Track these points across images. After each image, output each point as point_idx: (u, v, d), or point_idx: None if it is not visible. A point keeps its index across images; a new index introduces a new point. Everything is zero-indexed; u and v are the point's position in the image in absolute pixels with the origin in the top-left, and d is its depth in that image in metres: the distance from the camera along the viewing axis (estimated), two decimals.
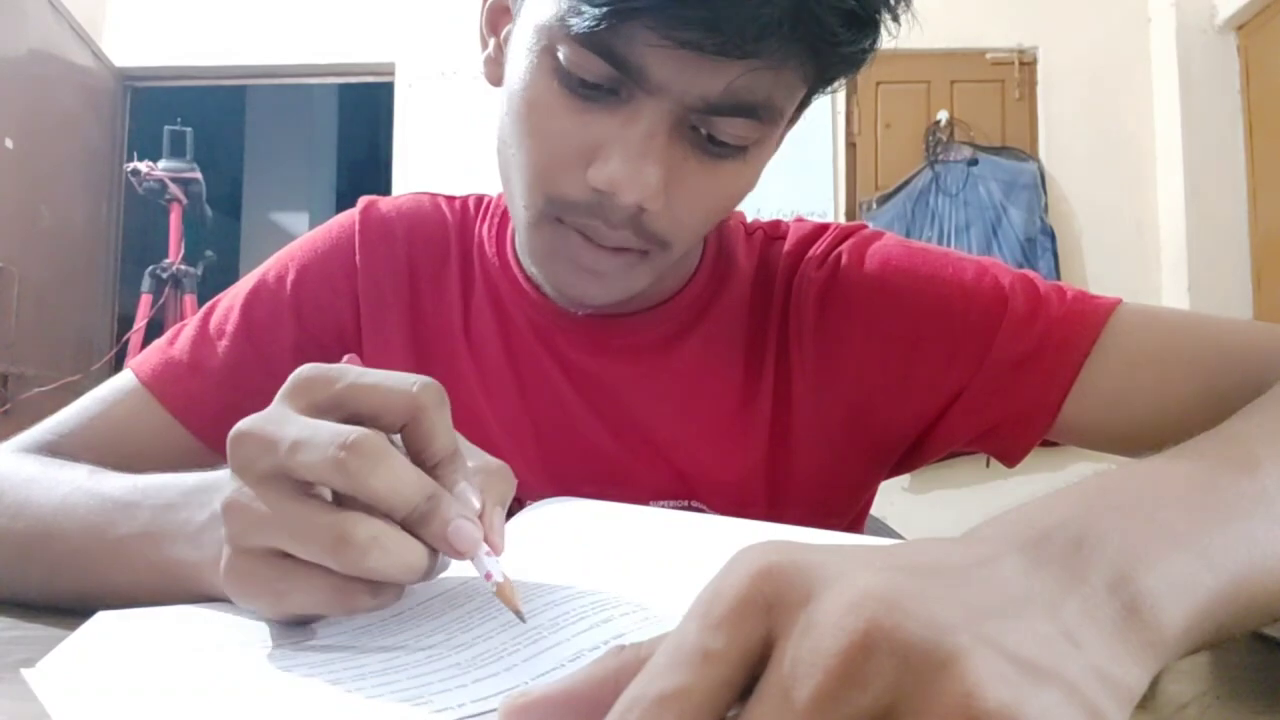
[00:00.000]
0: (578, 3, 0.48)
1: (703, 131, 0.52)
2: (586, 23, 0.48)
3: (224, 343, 0.66)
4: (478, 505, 0.36)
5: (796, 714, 0.20)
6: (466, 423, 0.66)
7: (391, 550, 0.34)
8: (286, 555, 0.34)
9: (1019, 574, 0.24)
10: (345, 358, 0.46)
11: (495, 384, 0.67)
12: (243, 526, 0.35)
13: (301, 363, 0.66)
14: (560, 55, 0.51)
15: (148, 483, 0.48)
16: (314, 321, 0.67)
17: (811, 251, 0.67)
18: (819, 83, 0.55)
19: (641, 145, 0.51)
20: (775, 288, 0.66)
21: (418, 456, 0.36)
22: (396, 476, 0.34)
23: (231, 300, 0.68)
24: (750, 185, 0.58)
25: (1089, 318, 0.60)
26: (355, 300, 0.68)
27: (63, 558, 0.49)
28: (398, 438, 0.37)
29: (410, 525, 0.35)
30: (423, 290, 0.69)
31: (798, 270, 0.66)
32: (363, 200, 0.72)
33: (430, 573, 0.35)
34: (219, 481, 0.43)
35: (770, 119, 0.53)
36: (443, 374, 0.67)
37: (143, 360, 0.67)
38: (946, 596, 0.22)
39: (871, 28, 0.51)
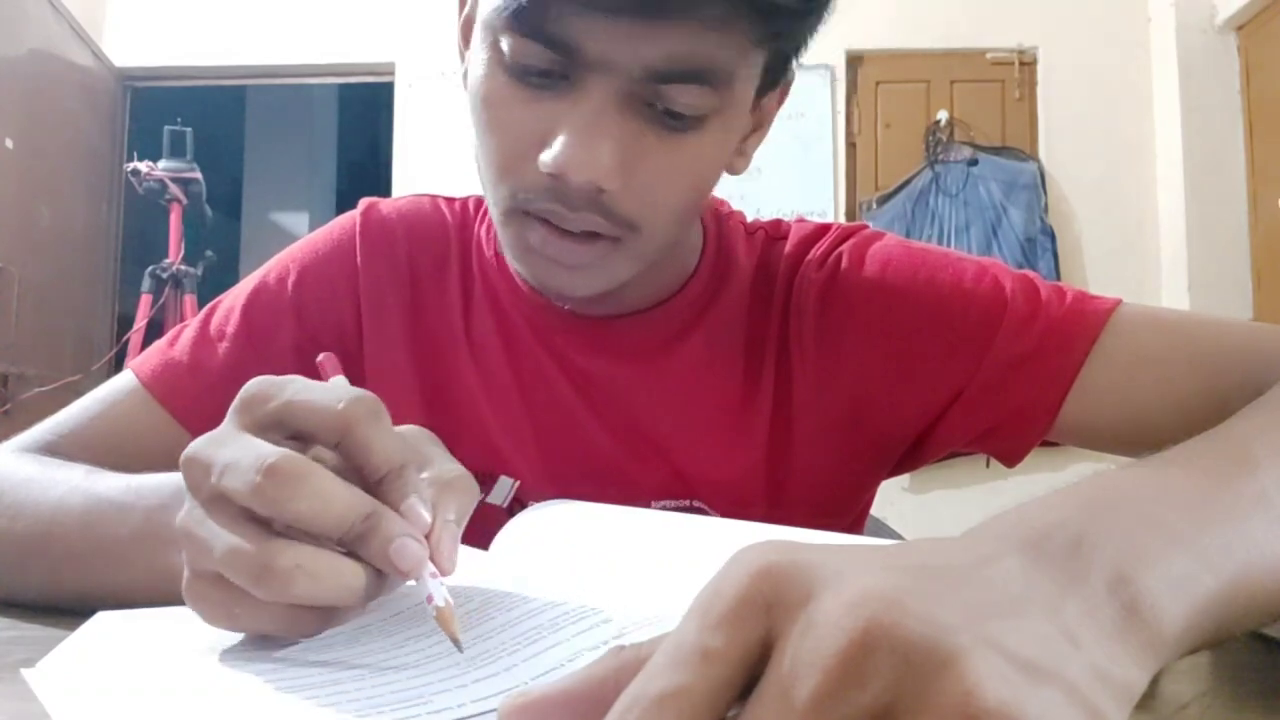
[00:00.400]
0: None
1: (659, 106, 0.52)
2: (517, 9, 0.49)
3: (224, 344, 0.66)
4: (427, 520, 0.35)
5: (796, 713, 0.20)
6: (467, 423, 0.67)
7: (321, 576, 0.33)
8: None
9: (1019, 574, 0.24)
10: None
11: (496, 385, 0.67)
12: (191, 552, 0.35)
13: (303, 364, 0.67)
14: (504, 47, 0.52)
15: (141, 483, 0.48)
16: (315, 323, 0.68)
17: (813, 252, 0.66)
18: (774, 44, 0.53)
19: (588, 123, 0.51)
20: (776, 288, 0.66)
21: (358, 473, 0.35)
22: (321, 497, 0.33)
23: (232, 302, 0.68)
24: (718, 160, 0.57)
25: (1089, 318, 0.60)
26: (356, 302, 0.68)
27: (61, 558, 0.49)
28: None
29: (349, 546, 0.34)
30: (423, 291, 0.69)
31: (799, 271, 0.66)
32: (363, 202, 0.72)
33: (378, 590, 0.35)
34: None
35: (722, 83, 0.52)
36: (444, 375, 0.67)
37: (143, 361, 0.67)
38: (946, 596, 0.22)
39: None
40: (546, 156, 0.51)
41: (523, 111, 0.53)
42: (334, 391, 0.36)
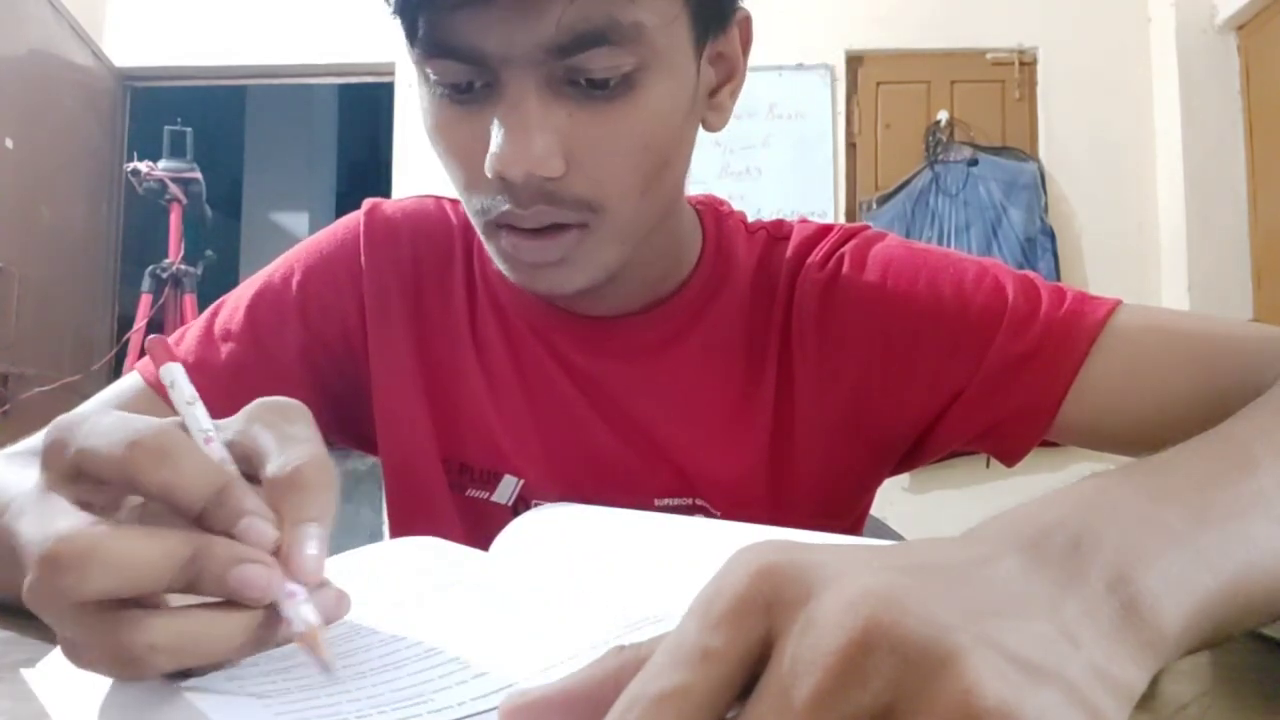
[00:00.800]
0: (403, 22, 0.52)
1: (580, 80, 0.51)
2: (406, 30, 0.51)
3: (229, 344, 0.66)
4: (271, 534, 0.32)
5: (796, 712, 0.20)
6: (472, 423, 0.67)
7: (183, 648, 0.30)
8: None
9: (1018, 573, 0.24)
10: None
11: (500, 385, 0.67)
12: (49, 619, 0.31)
13: (307, 364, 0.67)
14: (429, 74, 0.54)
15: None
16: (319, 323, 0.68)
17: (815, 253, 0.67)
18: None
19: (511, 118, 0.51)
20: (778, 288, 0.66)
21: (175, 511, 0.32)
22: (118, 565, 0.29)
23: (236, 302, 0.69)
24: (668, 118, 0.55)
25: (1088, 318, 0.60)
26: (360, 302, 0.68)
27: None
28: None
29: (187, 592, 0.30)
30: (428, 292, 0.69)
31: (800, 271, 0.66)
32: (368, 203, 0.72)
33: (275, 631, 0.31)
34: None
35: (629, 39, 0.51)
36: (449, 375, 0.67)
37: (147, 362, 0.67)
38: (946, 595, 0.22)
39: None
40: (486, 160, 0.52)
41: (463, 129, 0.54)
42: (118, 433, 0.32)
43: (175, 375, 0.38)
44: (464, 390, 0.67)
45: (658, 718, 0.21)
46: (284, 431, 0.35)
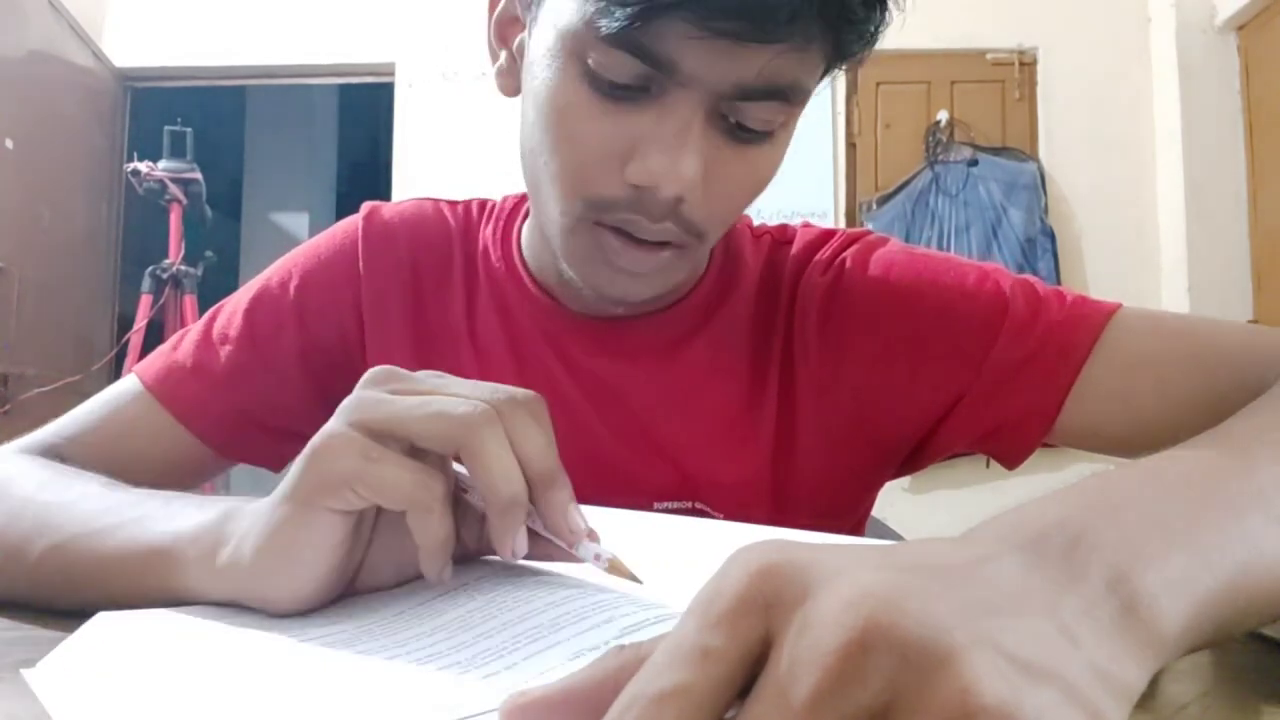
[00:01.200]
0: (608, 4, 0.49)
1: (731, 119, 0.53)
2: (618, 23, 0.48)
3: (227, 348, 0.67)
4: (581, 524, 0.39)
5: (795, 712, 0.20)
6: None
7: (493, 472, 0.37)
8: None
9: (1017, 573, 0.24)
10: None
11: None
12: (332, 462, 0.38)
13: (305, 368, 0.67)
14: (590, 59, 0.52)
15: (153, 503, 0.47)
16: (317, 327, 0.68)
17: (817, 257, 0.67)
18: (835, 62, 0.55)
19: (678, 138, 0.52)
20: (782, 291, 0.67)
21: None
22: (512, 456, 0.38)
23: (235, 306, 0.69)
24: (775, 169, 0.58)
25: (1088, 321, 0.60)
26: (358, 305, 0.68)
27: (76, 581, 0.47)
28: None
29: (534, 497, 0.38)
30: (426, 295, 0.69)
31: (803, 275, 0.67)
32: (366, 206, 0.72)
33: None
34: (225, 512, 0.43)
35: (798, 100, 0.54)
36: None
37: (147, 365, 0.67)
38: (944, 595, 0.22)
39: (882, 5, 0.52)
40: (637, 170, 0.52)
41: (602, 124, 0.53)
42: (452, 406, 0.38)
43: None
44: None
45: (657, 716, 0.21)
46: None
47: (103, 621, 0.39)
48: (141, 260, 3.53)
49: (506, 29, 0.61)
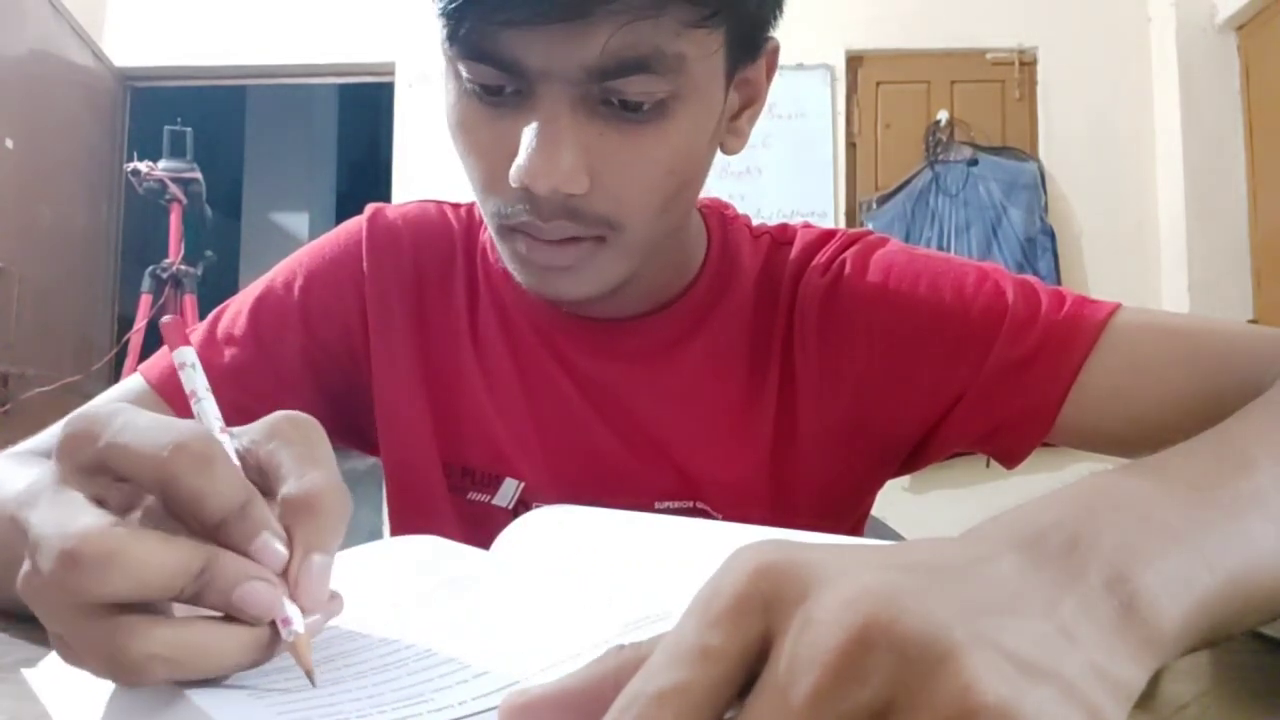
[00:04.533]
0: (444, 20, 0.51)
1: (614, 101, 0.52)
2: (456, 34, 0.50)
3: (232, 347, 0.67)
4: (282, 555, 0.32)
5: (795, 711, 0.20)
6: (473, 427, 0.67)
7: (182, 660, 0.29)
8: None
9: (1016, 572, 0.24)
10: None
11: (501, 388, 0.67)
12: (42, 615, 0.31)
13: (309, 366, 0.67)
14: (461, 71, 0.53)
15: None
16: (321, 327, 0.68)
17: (817, 257, 0.67)
18: (717, 21, 0.52)
19: (543, 132, 0.51)
20: (781, 291, 0.67)
21: (192, 523, 0.31)
22: (137, 571, 0.29)
23: (239, 306, 0.69)
24: (693, 145, 0.56)
25: (1087, 322, 0.60)
26: (363, 306, 0.68)
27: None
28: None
29: (192, 602, 0.30)
30: (429, 296, 0.69)
31: (803, 275, 0.66)
32: (370, 208, 0.73)
33: (273, 649, 0.31)
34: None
35: (669, 68, 0.51)
36: (450, 379, 0.68)
37: (151, 364, 0.68)
38: (944, 593, 0.22)
39: None
40: (513, 171, 0.52)
41: (490, 130, 0.54)
42: (159, 433, 0.31)
43: (189, 359, 0.38)
44: (465, 393, 0.67)
45: (657, 715, 0.21)
46: (303, 451, 0.35)
47: None
48: (141, 260, 3.53)
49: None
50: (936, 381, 0.62)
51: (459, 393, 0.68)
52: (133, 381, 0.67)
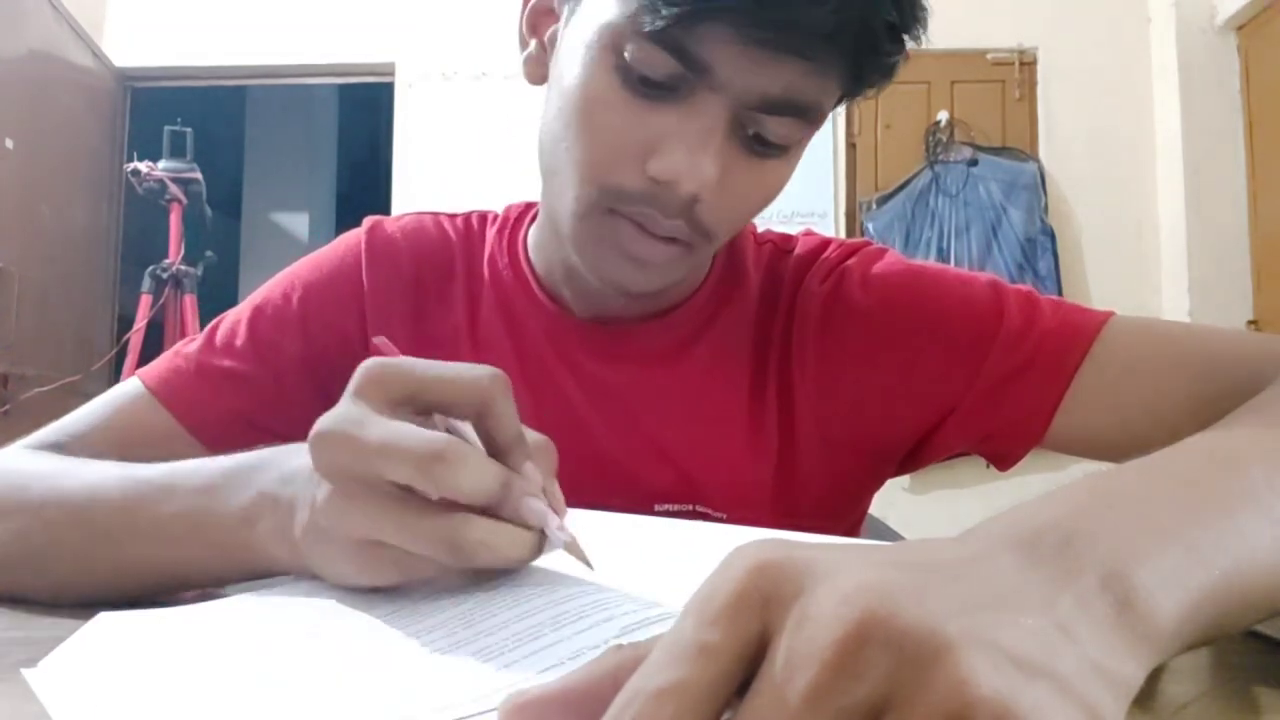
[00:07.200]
0: (656, 1, 0.50)
1: (750, 131, 0.55)
2: (662, 20, 0.50)
3: (230, 356, 0.68)
4: (539, 480, 0.40)
5: (793, 707, 0.20)
6: None
7: (500, 547, 0.37)
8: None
9: (1012, 571, 0.24)
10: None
11: None
12: (345, 518, 0.38)
13: (308, 377, 0.68)
14: (626, 53, 0.53)
15: (181, 467, 0.50)
16: (321, 337, 0.69)
17: (816, 266, 0.68)
18: (851, 90, 0.57)
19: (701, 139, 0.53)
20: (782, 298, 0.68)
21: (489, 442, 0.39)
22: (478, 476, 0.37)
23: (238, 316, 0.70)
24: (784, 185, 0.60)
25: (1081, 330, 0.61)
26: (362, 319, 0.69)
27: (98, 539, 0.50)
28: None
29: (489, 509, 0.37)
30: (428, 307, 0.70)
31: (802, 284, 0.68)
32: (368, 221, 0.74)
33: (540, 549, 0.39)
34: (259, 461, 0.45)
35: (814, 120, 0.56)
36: None
37: (150, 368, 0.69)
38: (940, 590, 0.22)
39: (903, 42, 0.54)
40: (659, 165, 0.54)
41: (629, 117, 0.54)
42: (470, 369, 0.39)
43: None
44: None
45: (656, 713, 0.21)
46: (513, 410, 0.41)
47: (103, 621, 0.39)
48: (141, 260, 3.53)
49: (539, 19, 0.63)
50: (931, 390, 0.63)
51: None
52: (130, 384, 0.68)
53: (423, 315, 0.70)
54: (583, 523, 0.52)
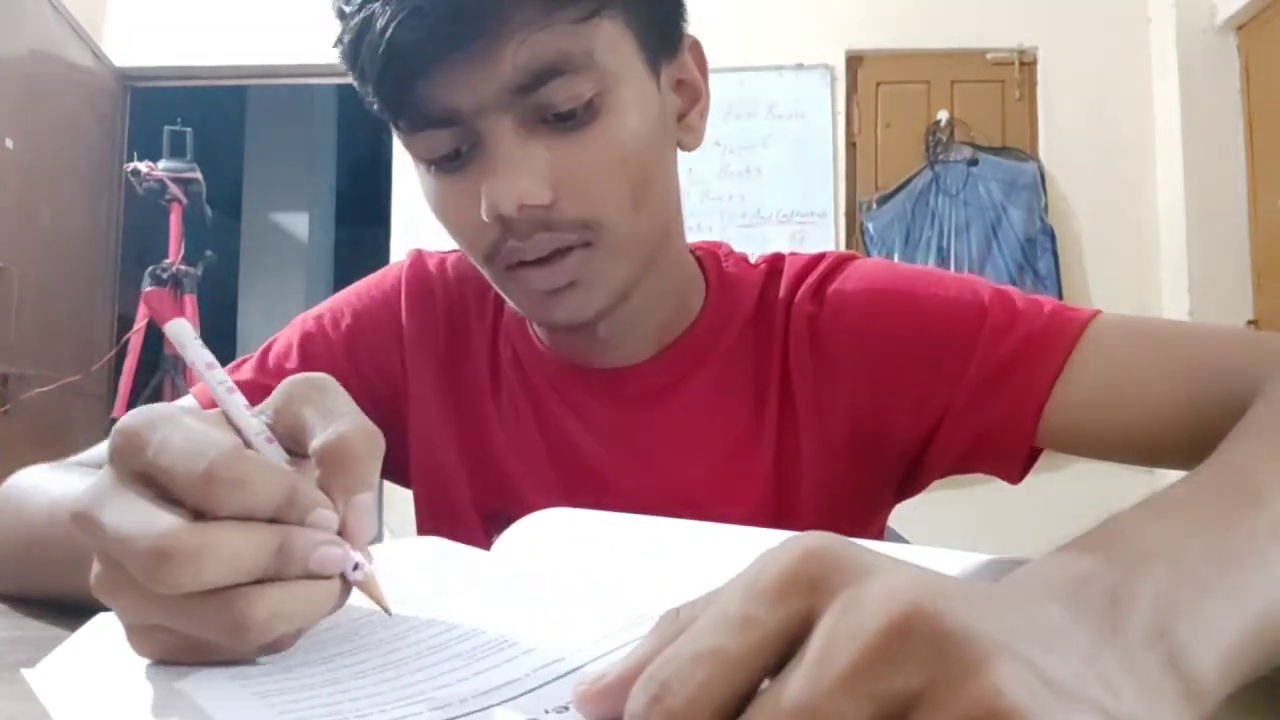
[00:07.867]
0: (376, 100, 0.57)
1: (548, 115, 0.55)
2: (390, 108, 0.56)
3: (283, 377, 0.68)
4: (334, 518, 0.33)
5: (828, 683, 0.20)
6: (496, 472, 0.69)
7: (294, 616, 0.32)
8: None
9: (1060, 617, 0.23)
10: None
11: (522, 437, 0.70)
12: (114, 602, 0.32)
13: (357, 402, 0.68)
14: (420, 152, 0.58)
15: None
16: (366, 366, 0.71)
17: (805, 283, 0.69)
18: (610, 14, 0.56)
19: (494, 159, 0.55)
20: (775, 320, 0.68)
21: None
22: (226, 561, 0.31)
23: (288, 338, 0.72)
24: (639, 135, 0.58)
25: (1065, 328, 0.61)
26: (402, 354, 0.72)
27: (56, 563, 0.50)
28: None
29: (273, 576, 0.32)
30: (456, 347, 0.72)
31: (793, 302, 0.68)
32: (411, 253, 0.76)
33: (347, 593, 0.34)
34: None
35: (584, 66, 0.55)
36: (474, 426, 0.71)
37: (202, 387, 0.69)
38: (990, 611, 0.22)
39: None
40: (485, 210, 0.56)
41: (462, 195, 0.58)
42: (192, 460, 0.32)
43: (181, 332, 0.38)
44: (488, 441, 0.70)
45: (691, 674, 0.22)
46: (323, 405, 0.36)
47: (103, 621, 0.39)
48: (141, 260, 3.53)
49: None
50: (921, 396, 0.64)
51: (483, 441, 0.71)
52: (184, 402, 0.68)
53: (453, 357, 0.72)
54: (583, 523, 0.52)
